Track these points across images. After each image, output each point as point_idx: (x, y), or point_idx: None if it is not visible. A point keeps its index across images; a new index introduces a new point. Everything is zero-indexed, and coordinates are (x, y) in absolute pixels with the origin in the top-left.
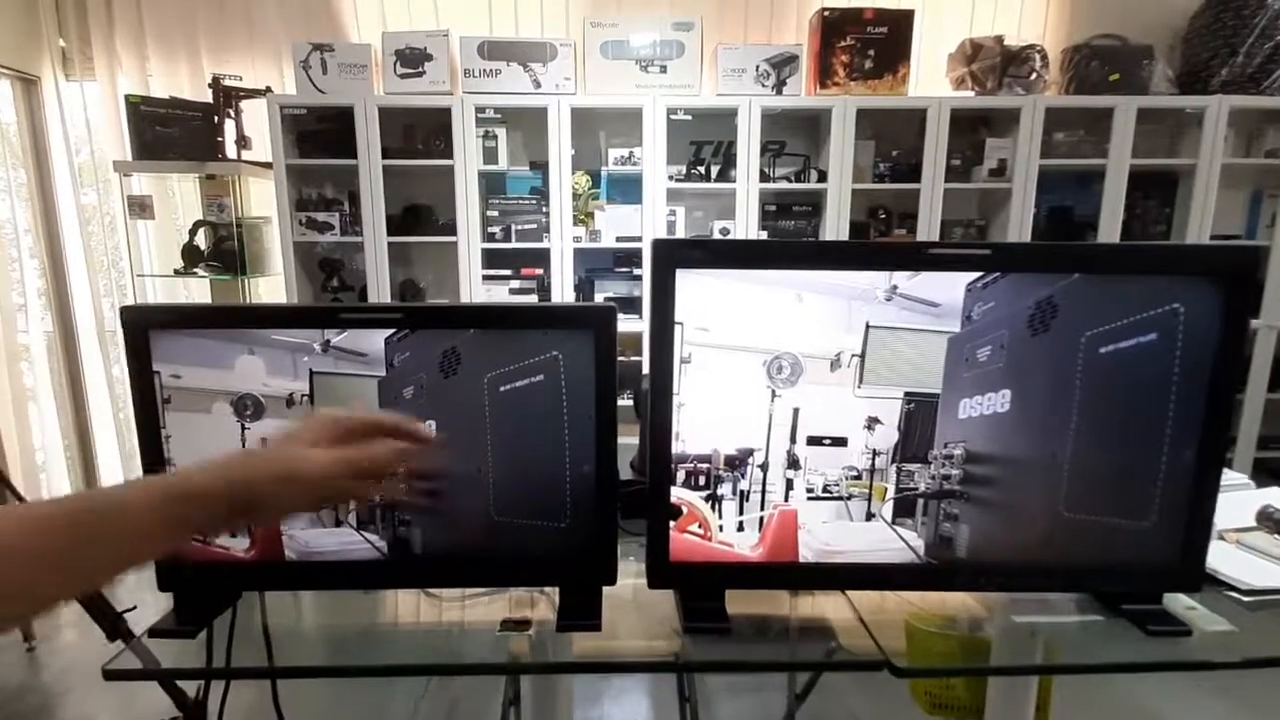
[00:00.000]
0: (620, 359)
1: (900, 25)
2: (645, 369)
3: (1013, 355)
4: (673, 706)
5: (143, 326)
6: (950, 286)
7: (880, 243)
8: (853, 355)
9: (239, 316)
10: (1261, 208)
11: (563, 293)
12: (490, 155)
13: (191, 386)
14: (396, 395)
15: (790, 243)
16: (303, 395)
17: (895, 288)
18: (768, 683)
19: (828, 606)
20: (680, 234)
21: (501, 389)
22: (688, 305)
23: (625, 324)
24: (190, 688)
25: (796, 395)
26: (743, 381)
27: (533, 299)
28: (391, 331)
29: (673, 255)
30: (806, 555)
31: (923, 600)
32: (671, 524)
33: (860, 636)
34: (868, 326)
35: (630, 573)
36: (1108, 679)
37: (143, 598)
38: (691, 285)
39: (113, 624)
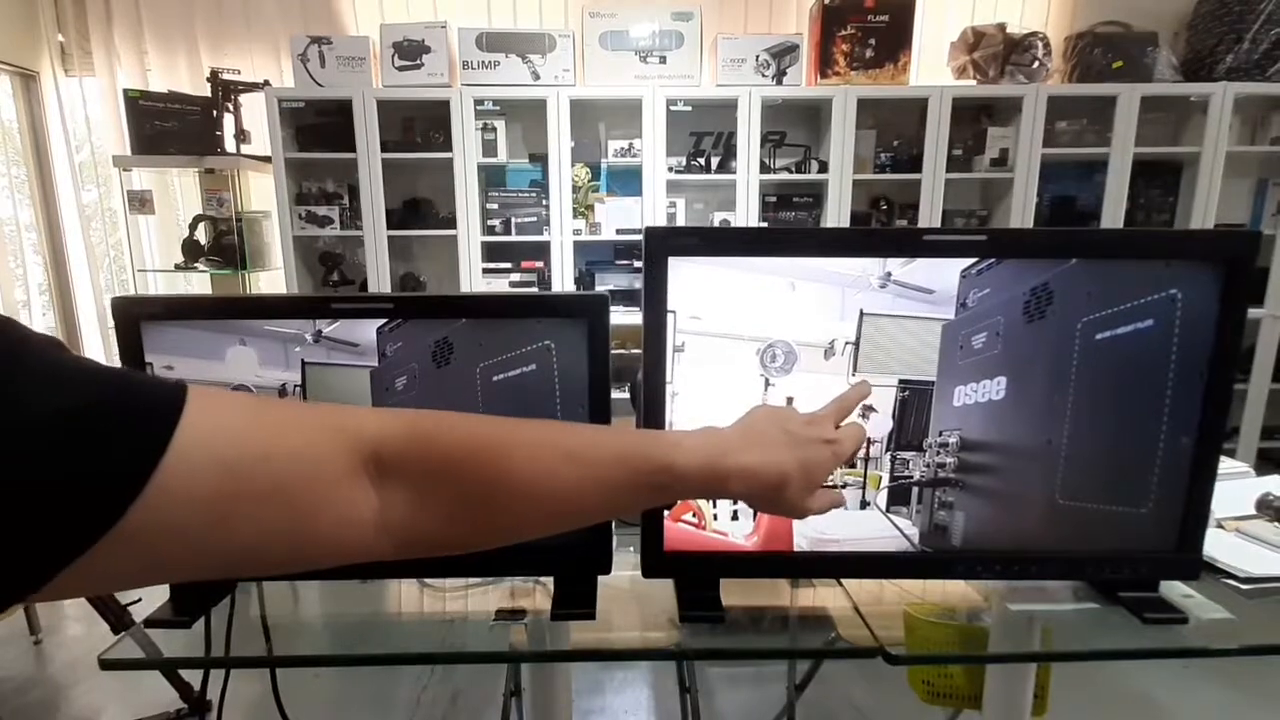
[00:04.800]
0: (621, 351)
1: (901, 14)
2: None
3: (1008, 342)
4: (673, 697)
5: (134, 317)
6: (945, 273)
7: (873, 230)
8: (846, 343)
9: (229, 307)
10: (1267, 195)
11: (563, 285)
12: (489, 148)
13: (184, 378)
14: (389, 385)
15: (783, 230)
16: (295, 385)
17: (889, 275)
18: (768, 674)
19: (826, 597)
20: (680, 225)
21: (494, 378)
22: (682, 293)
23: (627, 316)
24: (196, 681)
25: (790, 383)
26: (736, 370)
27: (533, 291)
28: (384, 321)
29: (666, 243)
30: (801, 544)
31: (923, 590)
32: (665, 513)
33: (859, 626)
34: (862, 314)
35: (627, 563)
36: (1105, 666)
37: (147, 591)
38: (685, 273)
39: (117, 616)
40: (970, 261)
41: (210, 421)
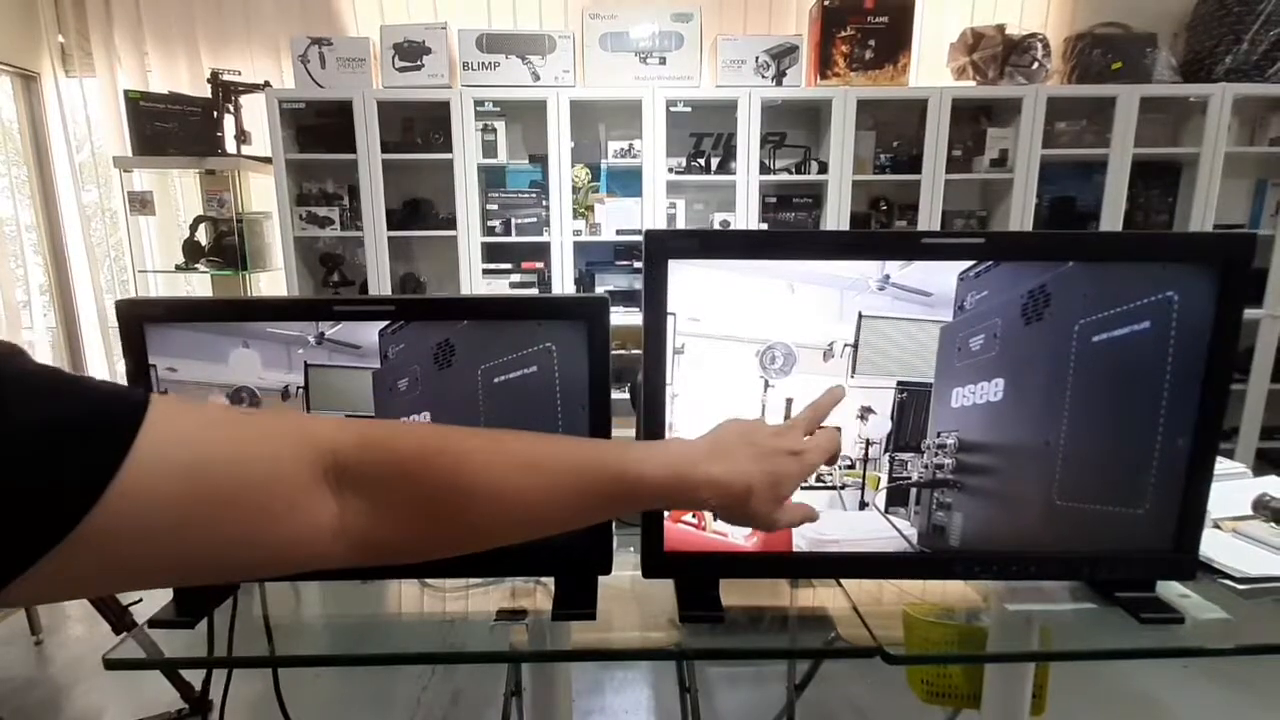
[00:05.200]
0: (621, 351)
1: (901, 15)
2: None
3: (1006, 344)
4: (674, 697)
5: (138, 319)
6: (943, 276)
7: (872, 232)
8: (845, 345)
9: (233, 309)
10: (1266, 196)
11: (563, 286)
12: (489, 149)
13: (187, 380)
14: (391, 387)
15: (782, 233)
16: (298, 387)
17: (888, 277)
18: (768, 674)
19: (826, 597)
20: (680, 226)
21: (495, 380)
22: (681, 296)
23: (627, 317)
24: (197, 681)
25: (790, 385)
26: (736, 372)
27: (533, 293)
28: (385, 323)
29: (665, 246)
30: (800, 544)
31: (922, 591)
32: (665, 514)
33: (858, 626)
34: (860, 316)
35: (629, 564)
36: (1103, 666)
37: (149, 591)
38: (684, 276)
39: (118, 617)
40: (968, 264)
41: (172, 429)
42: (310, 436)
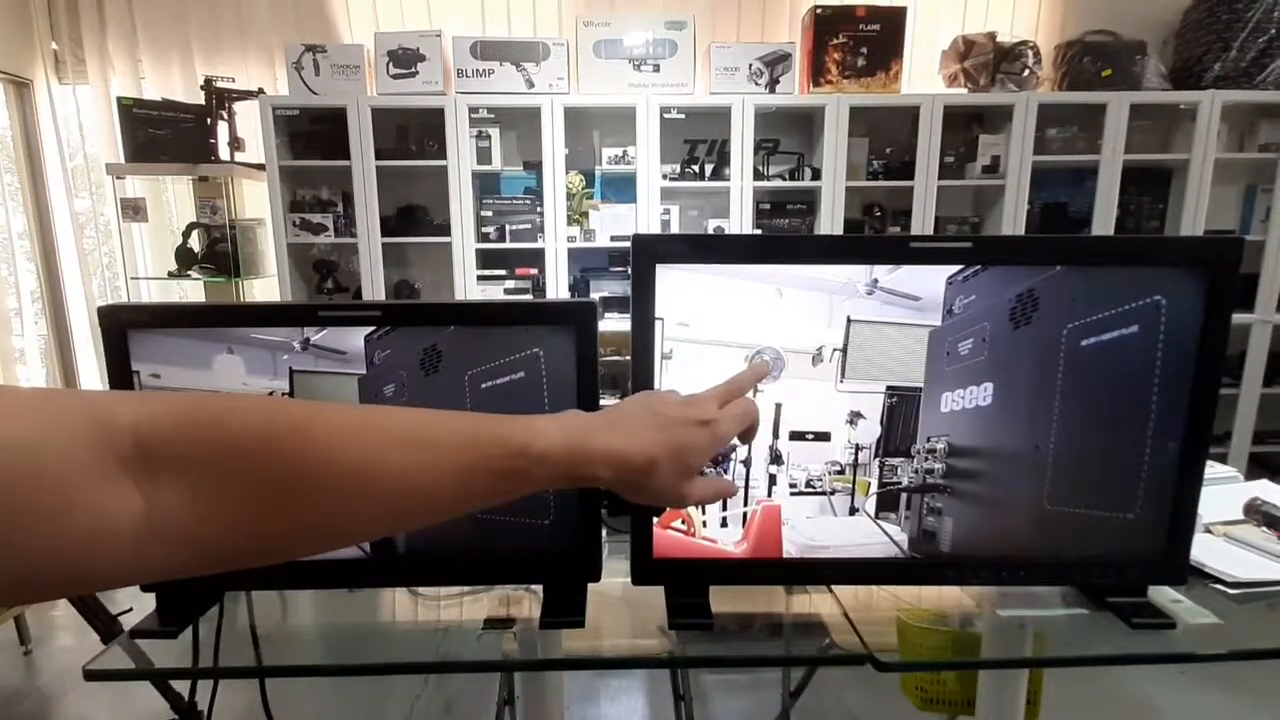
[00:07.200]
0: (615, 358)
1: (893, 22)
2: None
3: (994, 348)
4: (668, 705)
5: (121, 325)
6: (931, 280)
7: (860, 237)
8: (834, 349)
9: (216, 315)
10: (1255, 202)
11: (558, 292)
12: (484, 155)
13: (171, 386)
14: (377, 393)
15: (770, 237)
16: (283, 394)
17: (876, 281)
18: (763, 680)
19: (820, 603)
20: (666, 232)
21: (483, 386)
22: (669, 301)
23: (621, 323)
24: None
25: (778, 390)
26: (725, 377)
27: (519, 298)
28: (372, 329)
29: (653, 250)
30: (790, 551)
31: (917, 597)
32: (655, 520)
33: (852, 633)
34: (849, 320)
35: (619, 571)
36: (1097, 671)
37: (138, 600)
38: (672, 281)
39: (107, 627)
40: (956, 268)
41: None
42: (102, 416)
